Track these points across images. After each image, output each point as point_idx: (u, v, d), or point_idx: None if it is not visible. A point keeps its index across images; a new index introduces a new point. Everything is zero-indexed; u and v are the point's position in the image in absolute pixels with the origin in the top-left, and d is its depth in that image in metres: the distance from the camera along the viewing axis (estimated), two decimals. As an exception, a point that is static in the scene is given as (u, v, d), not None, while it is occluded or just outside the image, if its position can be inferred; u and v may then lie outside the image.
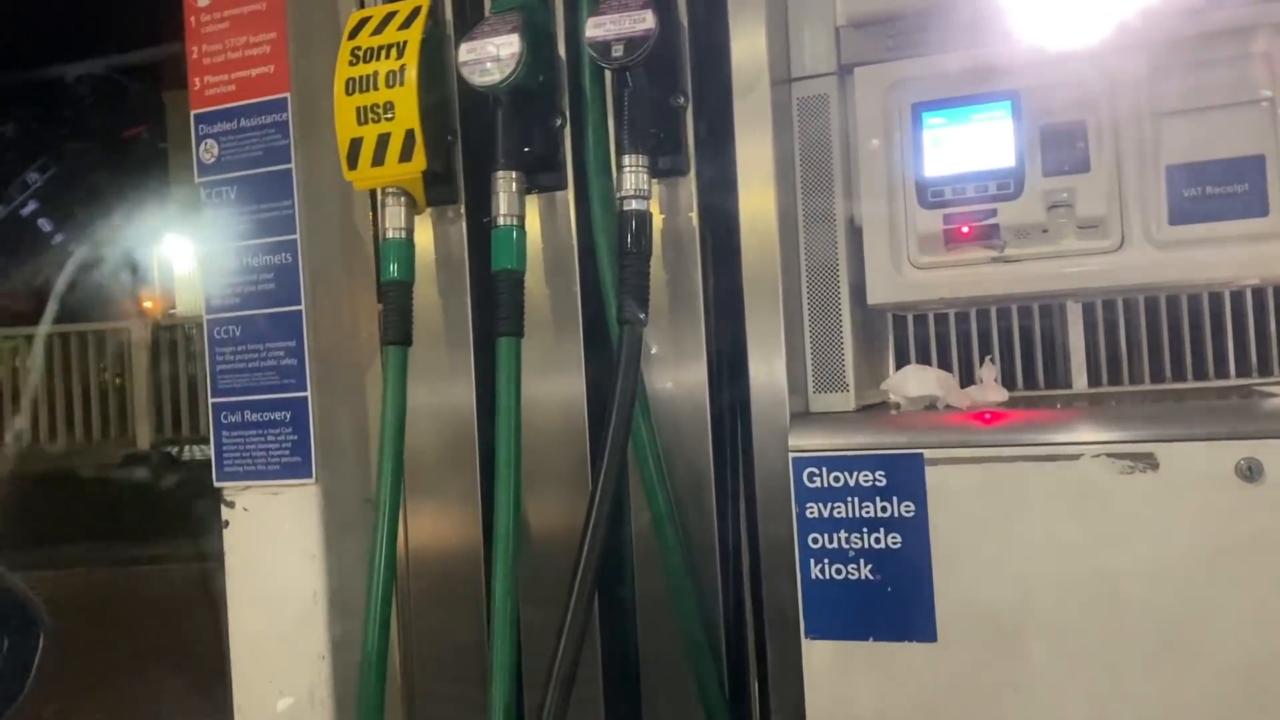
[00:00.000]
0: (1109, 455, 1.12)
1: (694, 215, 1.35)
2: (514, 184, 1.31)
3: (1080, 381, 1.57)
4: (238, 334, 1.48)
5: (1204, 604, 1.09)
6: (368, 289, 1.54)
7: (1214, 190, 1.18)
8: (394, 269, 1.35)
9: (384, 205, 1.37)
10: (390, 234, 1.36)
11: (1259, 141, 1.16)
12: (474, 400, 1.45)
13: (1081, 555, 1.13)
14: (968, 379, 1.39)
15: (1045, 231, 1.25)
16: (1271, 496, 1.07)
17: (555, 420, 1.42)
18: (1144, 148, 1.21)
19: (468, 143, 1.42)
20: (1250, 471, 1.07)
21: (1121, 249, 1.22)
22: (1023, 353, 1.60)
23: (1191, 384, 1.50)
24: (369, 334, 1.54)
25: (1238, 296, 1.40)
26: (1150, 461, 1.10)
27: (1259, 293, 1.38)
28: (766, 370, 1.30)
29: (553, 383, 1.41)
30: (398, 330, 1.35)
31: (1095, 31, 1.22)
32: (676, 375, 1.36)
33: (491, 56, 1.28)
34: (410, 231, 1.37)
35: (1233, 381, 1.48)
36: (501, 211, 1.30)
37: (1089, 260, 1.24)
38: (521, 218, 1.31)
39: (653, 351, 1.35)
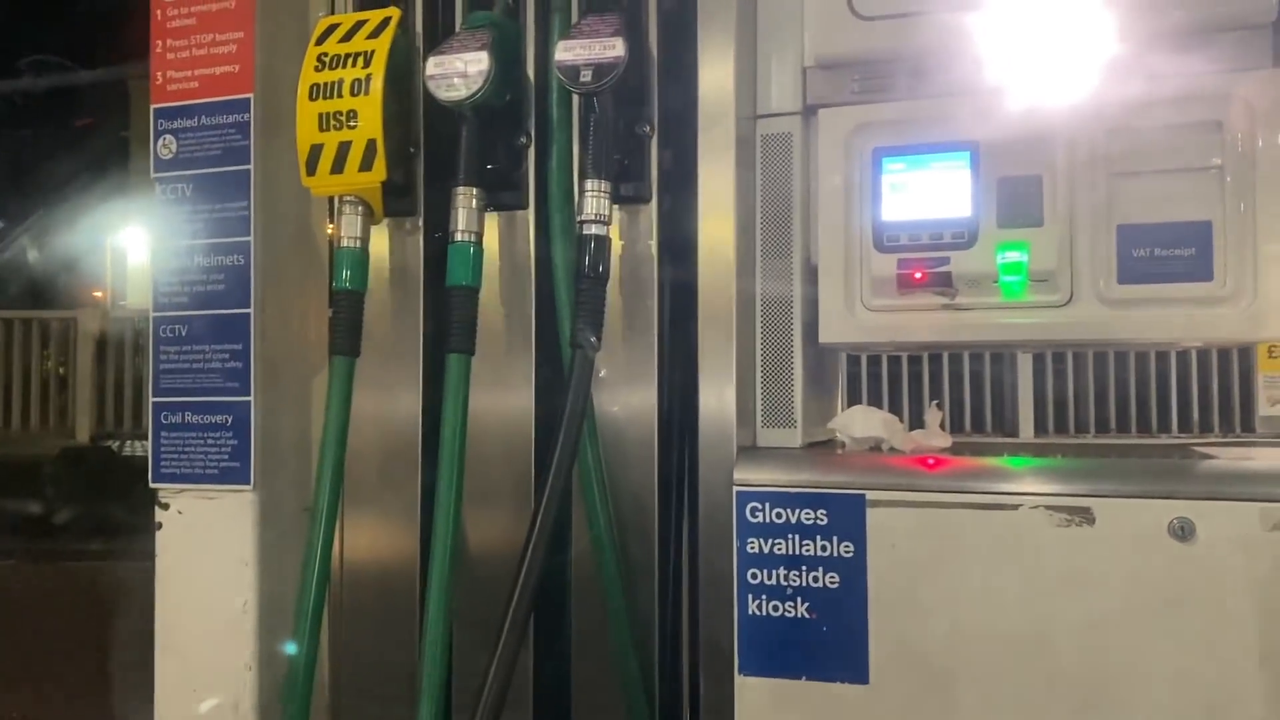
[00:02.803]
0: (1047, 508, 1.13)
1: (653, 243, 1.35)
2: (474, 200, 1.30)
3: (1027, 430, 1.59)
4: (184, 333, 1.45)
5: (1132, 660, 1.10)
6: (320, 296, 1.52)
7: (1162, 252, 1.21)
8: (347, 278, 1.34)
9: (341, 213, 1.35)
10: (345, 242, 1.34)
11: (1207, 208, 1.19)
12: (420, 414, 1.43)
13: (1015, 605, 1.14)
14: (915, 421, 1.40)
15: (996, 282, 1.26)
16: (1202, 556, 1.08)
17: (502, 438, 1.41)
18: (1097, 206, 1.23)
19: (430, 156, 1.41)
20: (1183, 531, 1.09)
21: (1070, 304, 1.24)
22: (972, 398, 1.62)
23: (1134, 439, 1.53)
24: (319, 341, 1.52)
25: (1182, 357, 1.42)
26: (1087, 516, 1.12)
27: (1202, 354, 1.41)
28: (716, 402, 1.30)
29: (501, 401, 1.40)
30: (346, 340, 1.34)
31: (1055, 90, 1.24)
32: (626, 400, 1.36)
33: (459, 72, 1.27)
34: (365, 241, 1.36)
35: (1174, 438, 1.50)
36: (460, 227, 1.29)
37: (1038, 313, 1.25)
38: (480, 234, 1.31)
39: (601, 374, 1.35)
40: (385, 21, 1.32)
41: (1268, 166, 1.17)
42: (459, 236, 1.29)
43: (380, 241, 1.43)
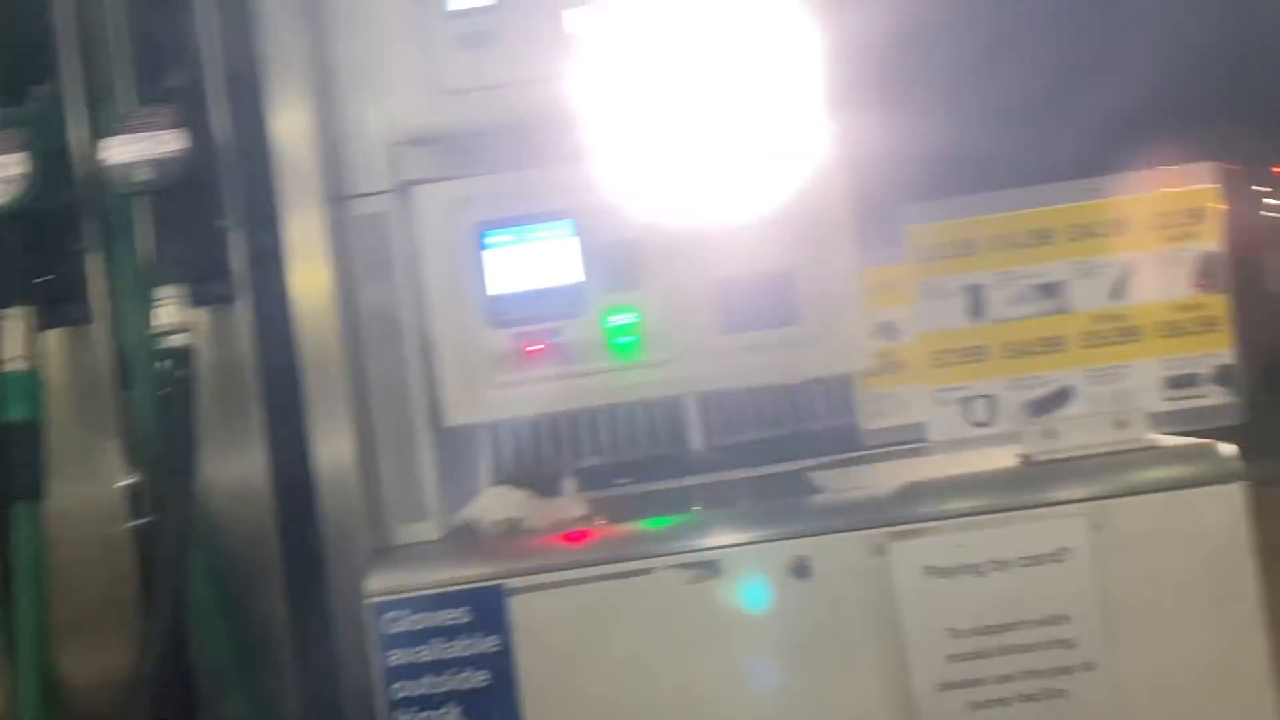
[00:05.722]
0: (677, 566, 1.15)
1: (248, 344, 1.25)
2: (25, 321, 1.14)
3: (656, 475, 1.61)
4: None
5: (774, 702, 1.14)
6: None
7: (755, 302, 1.27)
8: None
9: None
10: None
11: (788, 259, 1.26)
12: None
13: (662, 668, 1.14)
14: (556, 489, 1.38)
15: (609, 346, 1.27)
16: (821, 590, 1.14)
17: (97, 566, 1.23)
18: (694, 264, 1.27)
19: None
20: (800, 569, 1.14)
21: (680, 359, 1.27)
22: (623, 443, 1.63)
23: (760, 470, 1.59)
24: None
25: (789, 390, 1.51)
26: (714, 569, 1.14)
27: (802, 388, 1.50)
28: (340, 505, 1.22)
29: (94, 532, 1.23)
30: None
31: (646, 153, 1.27)
32: (241, 519, 1.24)
33: (-12, 178, 1.11)
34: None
35: (795, 465, 1.58)
36: (10, 354, 1.13)
37: (652, 371, 1.27)
38: (36, 358, 1.14)
39: (207, 501, 1.22)
40: (-118, 125, 1.13)
41: (831, 216, 1.25)
42: (9, 365, 1.12)
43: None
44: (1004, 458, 1.24)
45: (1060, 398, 1.20)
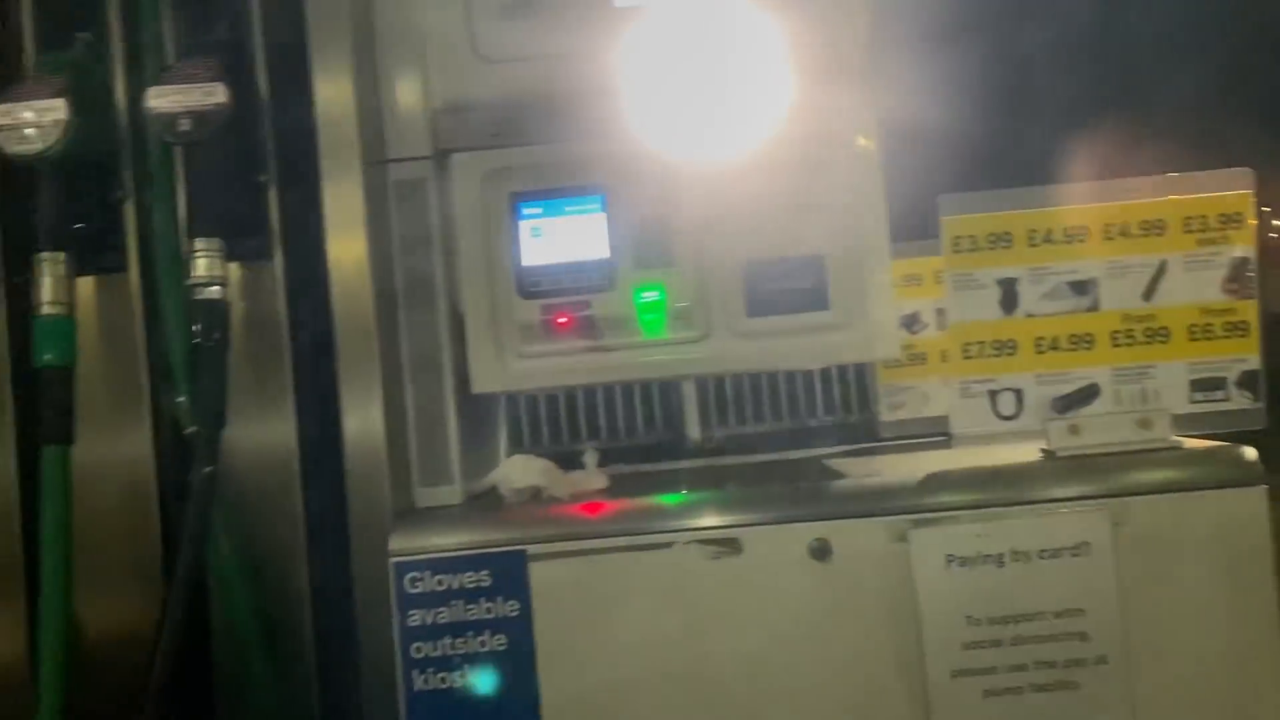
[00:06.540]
0: (699, 542, 1.15)
1: (281, 302, 1.25)
2: (60, 267, 1.14)
3: (687, 453, 1.62)
4: None
5: (788, 682, 1.14)
6: None
7: (784, 286, 1.27)
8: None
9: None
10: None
11: (820, 243, 1.26)
12: (17, 504, 1.23)
13: (678, 643, 1.15)
14: (577, 461, 1.39)
15: (637, 321, 1.28)
16: (840, 573, 1.15)
17: (121, 516, 1.25)
18: (725, 245, 1.28)
19: (4, 216, 1.23)
20: (821, 552, 1.15)
21: (707, 339, 1.28)
22: (643, 425, 1.63)
23: (777, 455, 1.60)
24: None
25: (809, 377, 1.52)
26: (735, 546, 1.15)
27: (827, 373, 1.51)
28: (367, 466, 1.22)
29: (118, 475, 1.24)
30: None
31: (681, 133, 1.27)
32: (266, 476, 1.25)
33: (30, 122, 1.11)
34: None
35: (810, 452, 1.59)
36: (45, 299, 1.13)
37: (678, 349, 1.28)
38: (70, 305, 1.15)
39: (233, 458, 1.23)
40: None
41: (866, 202, 1.26)
42: (44, 309, 1.13)
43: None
44: (1023, 453, 1.25)
45: (1087, 395, 1.20)
